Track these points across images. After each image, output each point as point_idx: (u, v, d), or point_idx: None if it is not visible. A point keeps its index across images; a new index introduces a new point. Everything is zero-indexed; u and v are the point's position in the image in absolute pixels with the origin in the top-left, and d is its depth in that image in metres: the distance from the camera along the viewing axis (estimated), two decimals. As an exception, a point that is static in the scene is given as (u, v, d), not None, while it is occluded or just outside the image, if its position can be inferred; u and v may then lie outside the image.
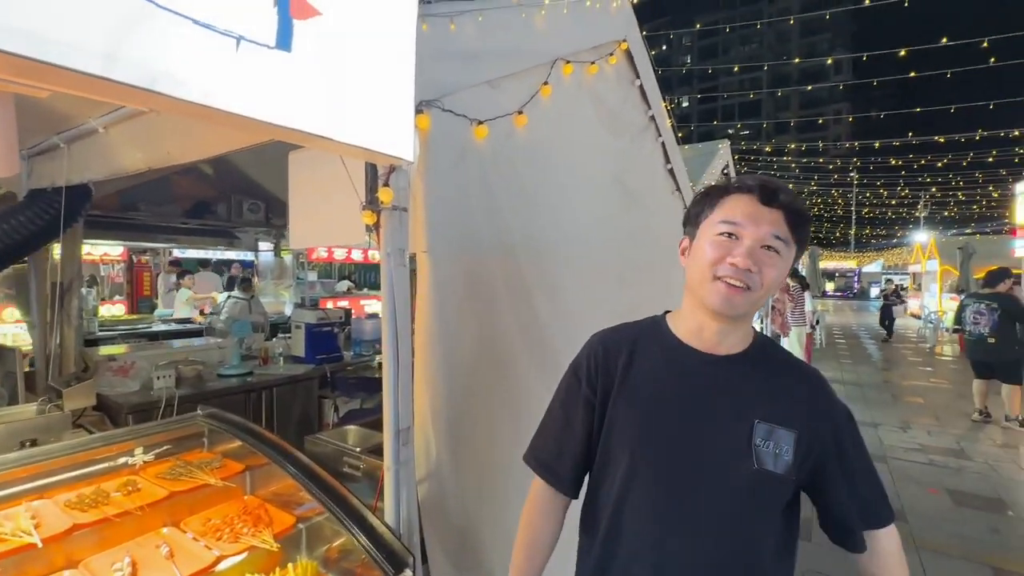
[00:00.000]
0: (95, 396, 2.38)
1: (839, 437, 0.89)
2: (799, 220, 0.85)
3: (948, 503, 3.77)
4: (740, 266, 0.82)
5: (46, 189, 2.65)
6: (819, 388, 0.92)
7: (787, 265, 0.86)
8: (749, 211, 0.84)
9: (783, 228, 0.83)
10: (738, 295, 0.83)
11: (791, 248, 0.86)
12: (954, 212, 23.66)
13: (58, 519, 1.28)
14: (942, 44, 7.71)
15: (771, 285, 0.84)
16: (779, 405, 0.87)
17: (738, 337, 0.91)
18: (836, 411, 0.91)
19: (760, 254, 0.82)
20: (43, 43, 0.67)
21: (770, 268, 0.83)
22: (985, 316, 5.49)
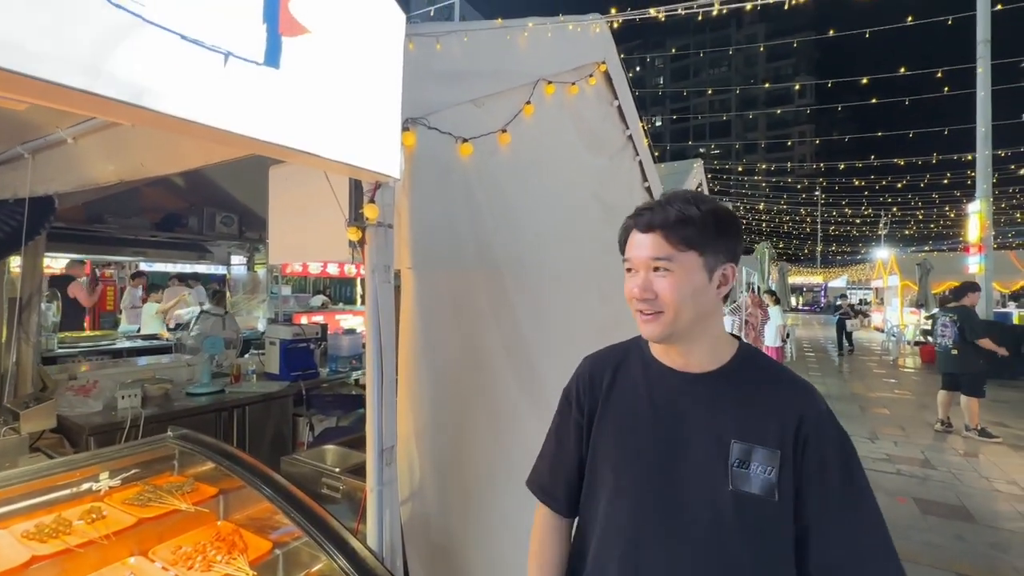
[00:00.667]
0: (55, 418, 2.26)
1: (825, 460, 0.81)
2: (674, 230, 0.84)
3: (916, 511, 3.88)
4: (638, 296, 0.86)
5: (7, 200, 2.55)
6: (808, 403, 0.85)
7: (689, 275, 0.84)
8: (634, 243, 0.88)
9: (663, 247, 0.84)
10: (653, 321, 0.85)
11: (685, 257, 0.84)
12: (913, 230, 24.86)
13: (15, 551, 1.20)
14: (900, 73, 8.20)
15: (677, 301, 0.83)
16: (759, 422, 0.83)
17: (705, 354, 0.89)
18: (825, 428, 0.83)
19: (652, 279, 0.85)
20: (25, 55, 0.65)
21: (666, 288, 0.83)
22: (948, 328, 5.73)
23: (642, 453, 0.88)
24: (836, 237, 30.18)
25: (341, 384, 4.09)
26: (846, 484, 0.81)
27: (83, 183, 2.26)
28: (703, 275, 0.85)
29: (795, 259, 32.80)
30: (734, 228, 0.89)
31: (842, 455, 0.83)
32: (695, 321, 0.85)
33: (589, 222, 2.52)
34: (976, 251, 8.95)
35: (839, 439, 0.84)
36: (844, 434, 0.85)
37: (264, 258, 7.16)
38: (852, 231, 27.75)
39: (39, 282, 3.19)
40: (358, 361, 4.29)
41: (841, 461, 0.82)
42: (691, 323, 0.85)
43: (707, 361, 0.89)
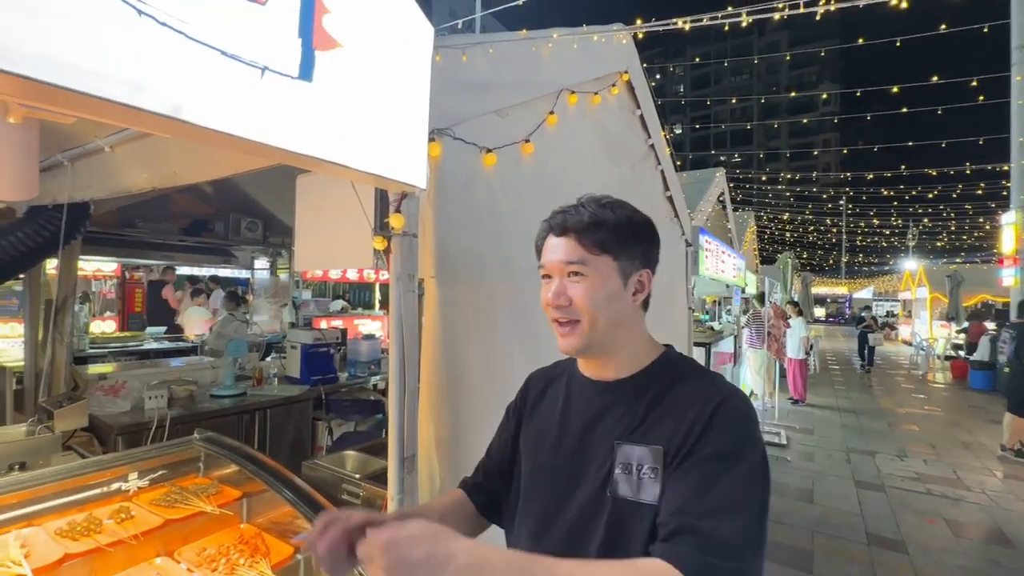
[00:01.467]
0: (87, 417, 2.32)
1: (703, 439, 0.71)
2: (588, 234, 0.81)
3: (948, 534, 3.74)
4: (552, 303, 0.83)
5: (46, 206, 2.64)
6: (709, 398, 0.75)
7: (604, 281, 0.81)
8: (548, 248, 0.85)
9: (576, 250, 0.81)
10: (570, 332, 0.82)
11: (599, 261, 0.81)
12: (944, 241, 24.09)
13: (49, 548, 1.24)
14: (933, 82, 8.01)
15: (592, 308, 0.80)
16: (655, 424, 0.77)
17: (623, 363, 0.85)
18: (717, 420, 0.72)
19: (567, 285, 0.82)
20: (76, 72, 0.68)
21: (580, 293, 0.81)
22: (1007, 345, 5.51)
23: (546, 464, 0.88)
24: (862, 248, 29.45)
25: (360, 389, 4.12)
26: (715, 460, 0.70)
27: (119, 190, 2.34)
28: (618, 281, 0.82)
29: (819, 270, 32.11)
30: (649, 233, 0.87)
31: (724, 441, 0.71)
32: (611, 329, 0.82)
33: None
34: (1011, 263, 8.63)
35: (730, 430, 0.72)
36: (740, 426, 0.73)
37: (286, 263, 7.30)
38: (881, 242, 27.02)
39: (74, 284, 3.30)
40: (376, 366, 4.33)
41: (720, 446, 0.71)
42: (607, 332, 0.82)
43: (624, 369, 0.85)
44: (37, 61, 0.64)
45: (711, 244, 4.78)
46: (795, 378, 8.01)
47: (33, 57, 0.64)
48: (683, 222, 3.81)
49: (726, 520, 0.65)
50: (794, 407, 7.82)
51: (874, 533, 3.70)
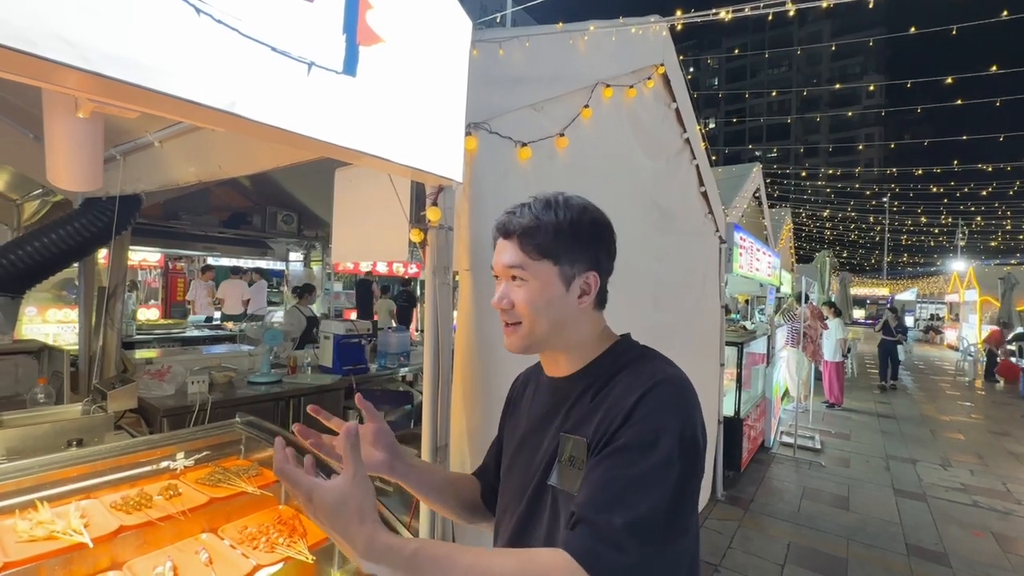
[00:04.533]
0: (136, 399, 2.45)
1: (621, 430, 0.70)
2: (528, 238, 0.80)
3: (995, 548, 3.56)
4: (495, 306, 0.84)
5: (100, 198, 2.79)
6: (639, 385, 0.73)
7: (544, 285, 0.80)
8: (497, 250, 0.86)
9: (517, 255, 0.81)
10: (512, 334, 0.83)
11: (539, 266, 0.80)
12: (998, 241, 22.73)
13: (106, 520, 1.31)
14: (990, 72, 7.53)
15: (532, 312, 0.80)
16: (589, 414, 0.77)
17: (574, 358, 0.86)
18: (641, 407, 0.70)
19: (509, 289, 0.83)
20: (138, 68, 0.71)
21: (519, 297, 0.81)
22: None
23: (512, 459, 0.91)
24: (907, 247, 28.08)
25: (389, 380, 4.21)
26: (624, 452, 0.68)
27: (167, 183, 2.45)
28: (559, 285, 0.81)
29: (859, 269, 30.83)
30: (596, 236, 0.84)
31: (638, 432, 0.69)
32: (552, 331, 0.82)
33: (645, 227, 2.48)
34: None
35: (647, 419, 0.70)
36: (660, 414, 0.70)
37: (319, 255, 7.49)
38: (928, 241, 25.66)
39: (124, 273, 3.47)
40: (406, 358, 4.40)
41: (632, 437, 0.69)
42: (549, 334, 0.82)
43: (574, 365, 0.86)
44: (110, 59, 0.68)
45: (746, 241, 4.66)
46: (831, 381, 7.75)
47: (106, 56, 0.67)
48: (717, 218, 3.73)
49: (621, 513, 0.64)
50: (829, 411, 7.57)
51: (914, 544, 3.56)
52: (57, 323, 5.10)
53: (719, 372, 3.93)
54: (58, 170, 1.75)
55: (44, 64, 0.64)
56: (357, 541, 0.61)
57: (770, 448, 5.61)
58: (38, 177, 2.39)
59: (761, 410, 5.51)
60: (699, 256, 3.42)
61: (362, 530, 0.62)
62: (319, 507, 0.63)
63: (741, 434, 4.66)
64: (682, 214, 2.99)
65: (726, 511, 3.95)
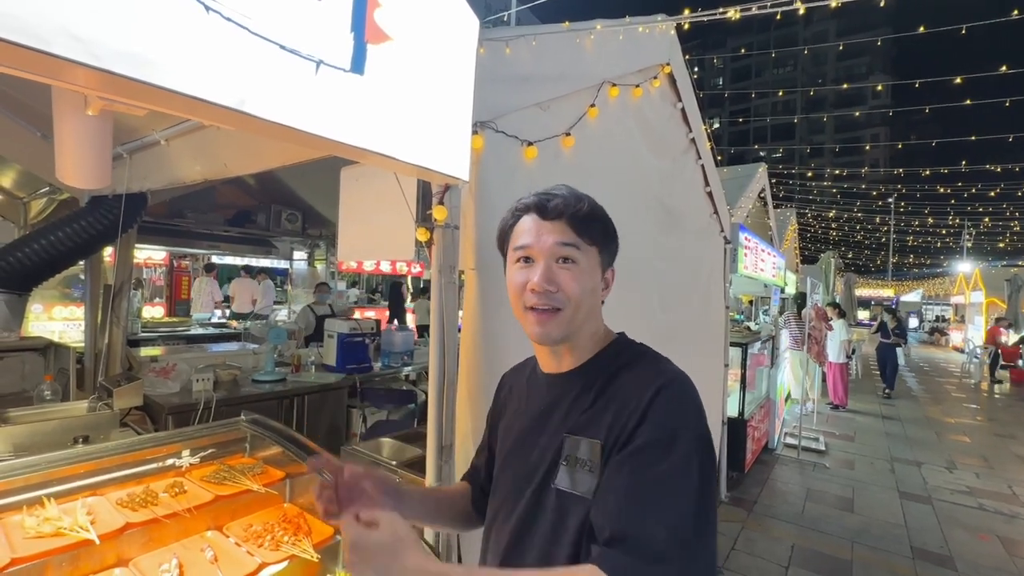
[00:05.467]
0: (142, 396, 2.46)
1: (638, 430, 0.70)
2: (585, 222, 0.80)
3: (1001, 552, 3.53)
4: (539, 289, 0.78)
5: (106, 196, 2.80)
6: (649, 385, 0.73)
7: (591, 272, 0.80)
8: (534, 230, 0.81)
9: (570, 234, 0.79)
10: (549, 320, 0.78)
11: (589, 252, 0.80)
12: (1006, 242, 22.55)
13: (112, 517, 1.32)
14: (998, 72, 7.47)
15: (579, 298, 0.78)
16: (596, 414, 0.76)
17: (579, 352, 0.84)
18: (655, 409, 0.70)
19: (556, 271, 0.79)
20: (147, 66, 0.71)
21: (570, 280, 0.78)
22: None
23: (508, 460, 0.89)
24: (913, 248, 27.89)
25: (393, 379, 4.21)
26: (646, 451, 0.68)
27: (173, 181, 2.45)
28: (599, 275, 0.82)
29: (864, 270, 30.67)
30: (616, 233, 0.87)
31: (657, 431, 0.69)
32: (585, 321, 0.81)
33: (650, 227, 2.47)
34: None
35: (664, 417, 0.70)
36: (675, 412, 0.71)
37: (323, 254, 7.50)
38: (934, 242, 25.48)
39: (130, 271, 3.49)
40: (409, 357, 4.41)
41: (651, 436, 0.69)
42: (583, 323, 0.81)
43: (577, 359, 0.84)
44: (119, 56, 0.68)
45: (751, 242, 4.64)
46: (835, 383, 7.71)
47: (116, 53, 0.67)
48: (722, 219, 3.72)
49: (657, 521, 0.64)
50: (834, 413, 7.54)
51: (919, 547, 3.54)
52: (63, 320, 5.12)
53: (723, 373, 3.92)
54: (67, 168, 1.76)
55: (54, 61, 0.64)
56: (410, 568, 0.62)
57: (774, 449, 5.59)
58: (46, 175, 2.41)
59: (765, 411, 5.49)
60: (704, 256, 3.41)
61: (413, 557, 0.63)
62: (373, 546, 0.63)
63: (745, 435, 4.64)
64: (688, 214, 2.98)
65: (730, 512, 3.93)
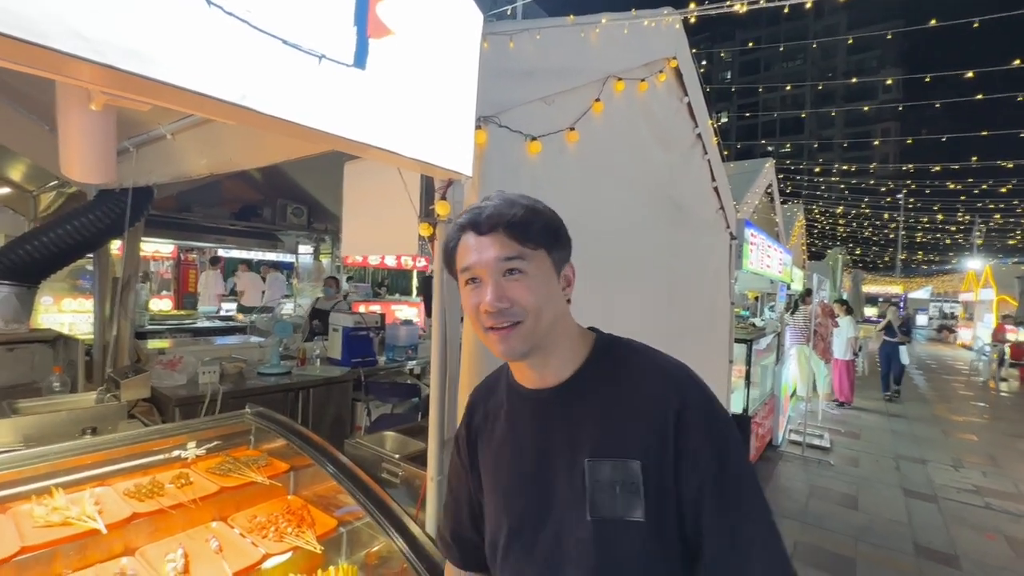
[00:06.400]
0: (150, 388, 2.49)
1: (698, 455, 0.69)
2: (522, 228, 0.74)
3: (1007, 551, 3.52)
4: (492, 309, 0.73)
5: (114, 190, 2.82)
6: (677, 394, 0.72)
7: (544, 278, 0.75)
8: (474, 248, 0.76)
9: (510, 245, 0.74)
10: (510, 335, 0.73)
11: (536, 257, 0.75)
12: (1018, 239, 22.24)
13: (119, 507, 1.34)
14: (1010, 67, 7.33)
15: (536, 307, 0.73)
16: (618, 430, 0.72)
17: (561, 361, 0.78)
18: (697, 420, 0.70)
19: (505, 286, 0.74)
20: (150, 62, 0.72)
21: (522, 292, 0.73)
22: None
23: (511, 488, 0.80)
24: (922, 245, 27.57)
25: (397, 372, 4.23)
26: (722, 473, 0.69)
27: (179, 175, 2.47)
28: (553, 276, 0.77)
29: (872, 267, 30.38)
30: (564, 229, 0.82)
31: (717, 443, 0.70)
32: (551, 328, 0.76)
33: (658, 222, 2.46)
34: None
35: (715, 428, 0.71)
36: (723, 421, 0.72)
37: (329, 248, 7.53)
38: (944, 239, 25.16)
39: (137, 264, 3.52)
40: (413, 351, 4.42)
41: (716, 450, 0.69)
42: (548, 330, 0.75)
43: (562, 369, 0.78)
44: (122, 52, 0.68)
45: (757, 238, 4.61)
46: (841, 380, 7.68)
47: (118, 49, 0.68)
48: (728, 214, 3.69)
49: (765, 549, 0.68)
50: (839, 410, 7.51)
51: (923, 545, 3.53)
52: (72, 313, 5.17)
53: (728, 369, 3.91)
54: (72, 162, 1.77)
55: (57, 57, 0.64)
56: None
57: (778, 446, 5.57)
58: (53, 168, 2.43)
59: (770, 408, 5.47)
60: (711, 252, 3.39)
61: None
62: None
63: (749, 431, 4.63)
64: (695, 209, 2.96)
65: (733, 508, 3.93)
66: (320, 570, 1.30)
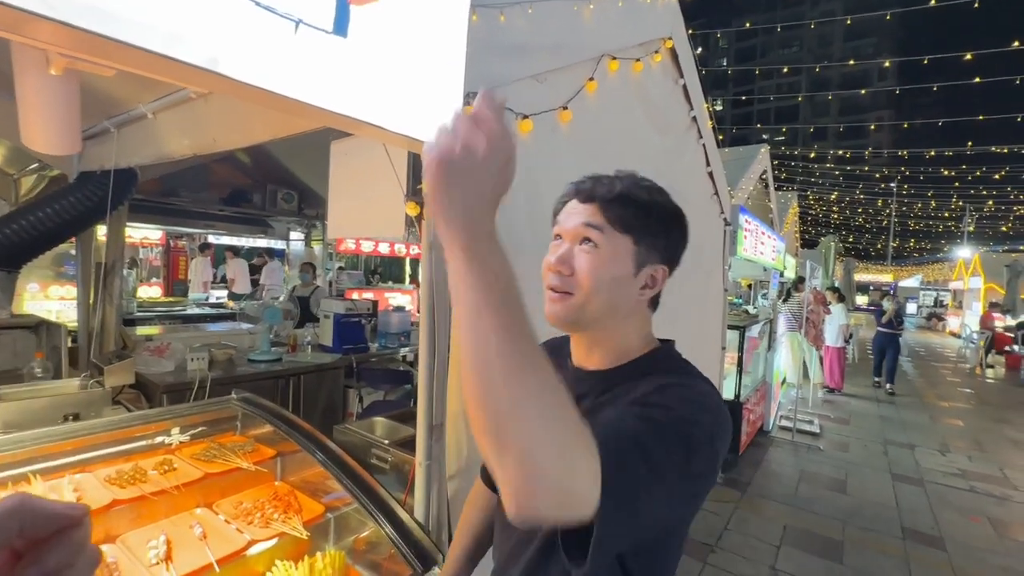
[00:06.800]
0: (134, 374, 2.44)
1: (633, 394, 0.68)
2: (613, 205, 0.75)
3: (991, 533, 3.58)
4: (553, 267, 0.75)
5: (95, 172, 2.74)
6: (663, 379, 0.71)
7: (615, 260, 0.74)
8: (568, 211, 0.78)
9: (596, 216, 0.74)
10: (559, 302, 0.75)
11: (616, 239, 0.74)
12: (1010, 226, 22.42)
13: (99, 493, 1.31)
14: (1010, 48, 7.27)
15: (592, 285, 0.73)
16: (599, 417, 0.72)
17: (609, 352, 0.79)
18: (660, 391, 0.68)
19: (574, 253, 0.75)
20: (109, 19, 0.67)
21: (585, 265, 0.73)
22: None
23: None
24: (914, 232, 27.74)
25: (389, 359, 4.21)
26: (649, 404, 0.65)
27: (161, 156, 2.39)
28: (629, 266, 0.75)
29: (864, 255, 30.59)
30: (679, 228, 0.79)
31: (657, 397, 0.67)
32: (606, 314, 0.75)
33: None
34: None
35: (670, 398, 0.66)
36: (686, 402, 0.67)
37: (320, 234, 7.44)
38: (936, 226, 25.31)
39: (121, 249, 3.44)
40: (406, 338, 4.39)
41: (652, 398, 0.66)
42: (600, 314, 0.75)
43: (608, 360, 0.79)
44: (77, 8, 0.63)
45: (751, 224, 4.59)
46: (832, 366, 7.75)
47: (73, 4, 0.63)
48: (723, 200, 3.66)
49: (640, 440, 0.59)
50: (829, 396, 7.58)
51: (910, 528, 3.58)
52: (59, 299, 5.09)
53: (720, 355, 3.91)
54: (32, 131, 1.68)
55: (6, 11, 0.59)
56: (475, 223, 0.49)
57: (769, 432, 5.63)
58: (14, 139, 2.33)
59: (761, 394, 5.51)
60: (705, 238, 3.37)
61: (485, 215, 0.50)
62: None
63: (741, 418, 4.66)
64: (690, 193, 2.93)
65: (724, 493, 3.97)
66: (307, 556, 1.28)
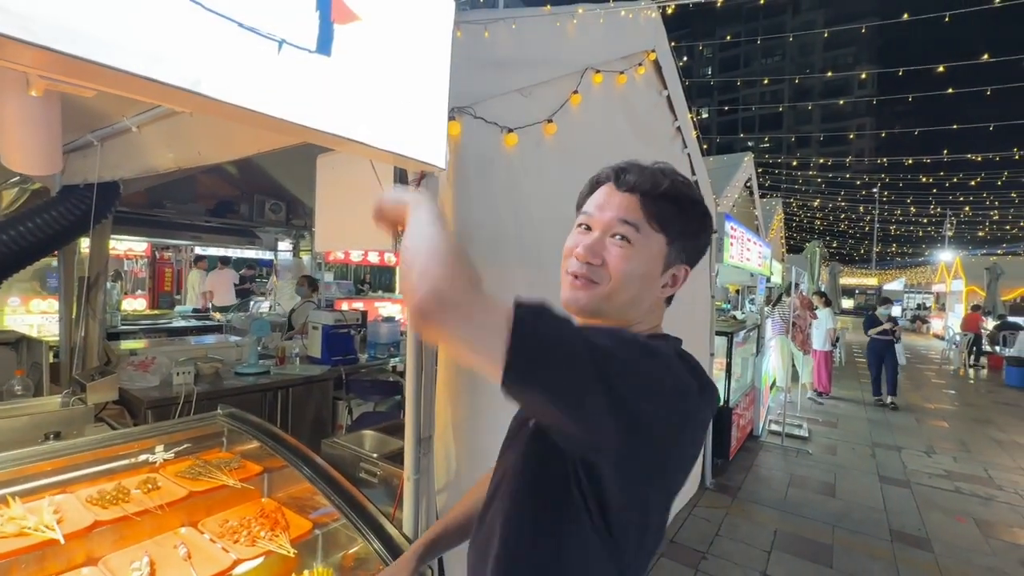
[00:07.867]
0: (118, 391, 2.40)
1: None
2: (657, 202, 0.73)
3: (976, 533, 3.63)
4: (580, 257, 0.73)
5: (78, 185, 2.71)
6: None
7: (646, 259, 0.73)
8: (602, 199, 0.76)
9: (634, 212, 0.72)
10: (583, 289, 0.73)
11: (651, 238, 0.73)
12: (986, 231, 23.00)
13: (80, 515, 1.28)
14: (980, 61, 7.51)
15: (623, 278, 0.72)
16: None
17: None
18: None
19: (605, 244, 0.73)
20: (90, 42, 0.67)
21: (618, 258, 0.72)
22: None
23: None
24: (896, 237, 28.31)
25: (379, 370, 4.18)
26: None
27: (145, 169, 2.38)
28: (659, 265, 0.74)
29: (848, 260, 31.08)
30: (708, 233, 0.80)
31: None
32: (628, 307, 0.74)
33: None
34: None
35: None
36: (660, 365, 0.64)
37: (308, 245, 7.40)
38: (917, 231, 25.89)
39: (105, 262, 3.39)
40: (396, 348, 4.37)
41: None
42: (620, 308, 0.74)
43: None
44: (57, 32, 0.63)
45: (737, 231, 4.65)
46: (819, 370, 7.84)
47: (53, 28, 0.63)
48: (708, 208, 3.71)
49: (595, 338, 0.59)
50: (817, 400, 7.66)
51: (898, 530, 3.62)
52: (41, 314, 5.00)
53: (709, 362, 3.95)
54: (12, 152, 1.67)
55: (-16, 36, 0.59)
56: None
57: (759, 436, 5.67)
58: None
59: (750, 399, 5.55)
60: (690, 246, 3.41)
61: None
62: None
63: (730, 423, 4.70)
64: (673, 203, 2.97)
65: (714, 499, 3.99)
66: (295, 574, 1.26)
